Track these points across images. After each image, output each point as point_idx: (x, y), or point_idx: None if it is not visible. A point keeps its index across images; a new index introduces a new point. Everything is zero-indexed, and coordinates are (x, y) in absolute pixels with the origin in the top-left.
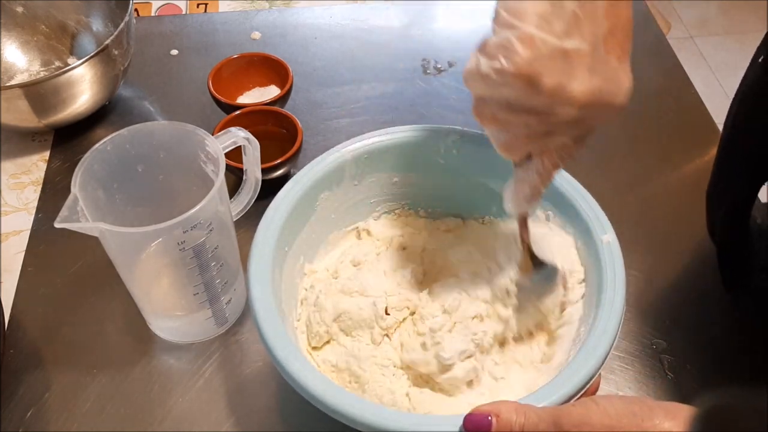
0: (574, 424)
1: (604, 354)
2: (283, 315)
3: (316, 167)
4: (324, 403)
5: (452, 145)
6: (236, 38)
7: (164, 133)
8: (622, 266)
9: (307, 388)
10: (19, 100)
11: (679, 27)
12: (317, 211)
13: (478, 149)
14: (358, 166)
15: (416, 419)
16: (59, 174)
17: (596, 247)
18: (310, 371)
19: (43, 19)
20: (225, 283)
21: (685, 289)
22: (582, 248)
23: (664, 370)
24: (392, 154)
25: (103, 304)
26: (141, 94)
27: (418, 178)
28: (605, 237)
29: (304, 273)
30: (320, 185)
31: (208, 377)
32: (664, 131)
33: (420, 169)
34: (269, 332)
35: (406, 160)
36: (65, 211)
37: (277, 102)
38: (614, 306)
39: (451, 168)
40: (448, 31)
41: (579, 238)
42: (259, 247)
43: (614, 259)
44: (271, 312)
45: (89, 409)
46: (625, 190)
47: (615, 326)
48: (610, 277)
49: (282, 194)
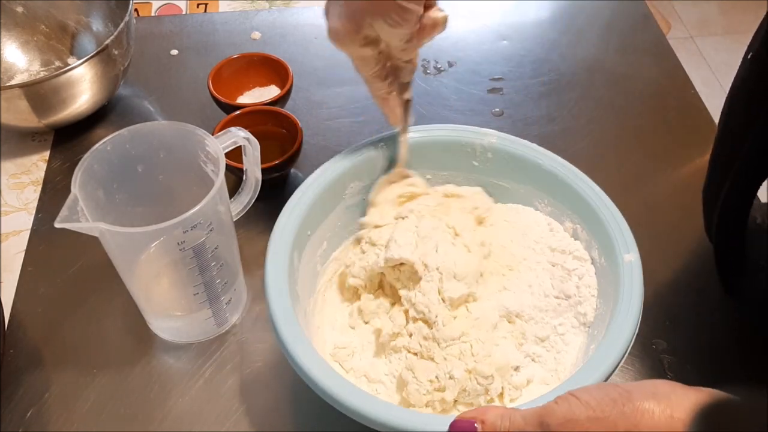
0: (560, 423)
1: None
2: (296, 297)
3: (348, 157)
4: (321, 387)
5: (488, 147)
6: (236, 38)
7: (164, 133)
8: (640, 287)
9: (307, 370)
10: (19, 100)
11: (680, 27)
12: (345, 199)
13: (512, 155)
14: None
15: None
16: (59, 174)
17: (617, 265)
18: (313, 355)
19: (43, 19)
20: (225, 283)
21: (685, 289)
22: (604, 264)
23: (664, 370)
24: (429, 150)
25: (103, 304)
26: (141, 94)
27: (450, 177)
28: (627, 256)
29: (327, 259)
30: (350, 174)
31: (208, 377)
32: (664, 131)
33: (454, 169)
34: (278, 312)
35: (441, 159)
36: (65, 211)
37: (277, 102)
38: (624, 327)
39: (482, 170)
40: (448, 31)
41: (602, 254)
42: (281, 227)
43: (633, 279)
44: (283, 293)
45: (89, 409)
46: (624, 189)
47: (623, 347)
48: (626, 297)
49: (311, 180)
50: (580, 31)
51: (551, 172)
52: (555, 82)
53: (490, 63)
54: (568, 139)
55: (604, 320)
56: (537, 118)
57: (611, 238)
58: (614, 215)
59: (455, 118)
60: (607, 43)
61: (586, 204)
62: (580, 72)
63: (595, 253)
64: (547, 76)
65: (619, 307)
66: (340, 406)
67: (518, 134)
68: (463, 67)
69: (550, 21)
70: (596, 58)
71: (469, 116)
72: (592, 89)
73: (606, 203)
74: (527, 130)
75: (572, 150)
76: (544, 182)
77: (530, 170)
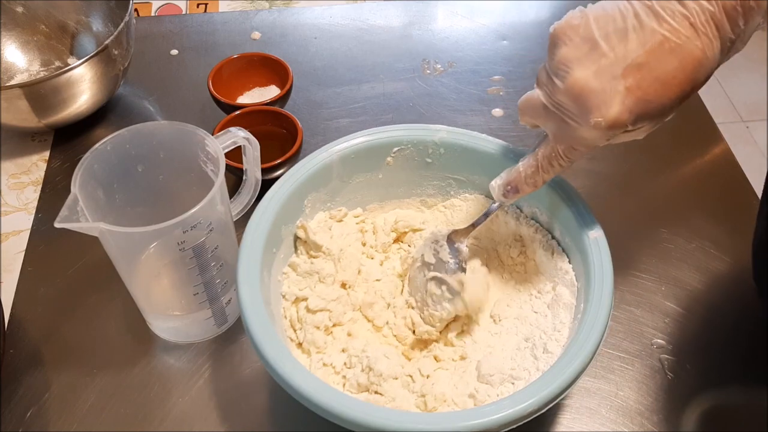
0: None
1: (594, 348)
2: (272, 316)
3: (303, 168)
4: (315, 403)
5: (440, 143)
6: (236, 38)
7: (164, 133)
8: (609, 262)
9: (297, 388)
10: (19, 100)
11: None
12: (305, 211)
13: (464, 149)
14: (345, 165)
15: (414, 417)
16: (59, 174)
17: (584, 243)
18: (300, 371)
19: (43, 19)
20: (225, 283)
21: (685, 290)
22: (569, 243)
23: (664, 370)
24: (379, 153)
25: (103, 304)
26: (141, 94)
27: (405, 175)
28: (593, 233)
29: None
30: (307, 186)
31: (208, 377)
32: (664, 131)
33: (408, 168)
34: (259, 334)
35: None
36: (65, 210)
37: (277, 102)
38: (602, 301)
39: (438, 166)
40: (448, 31)
41: (565, 234)
42: (247, 249)
43: (602, 254)
44: (261, 314)
45: (89, 409)
46: (624, 190)
47: (603, 323)
48: (598, 273)
49: (269, 195)
50: None
51: (501, 159)
52: None
53: (490, 63)
54: None
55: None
56: None
57: (574, 217)
58: (572, 196)
59: (455, 118)
60: None
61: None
62: None
63: (558, 234)
64: None
65: (592, 285)
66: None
67: (518, 134)
68: (463, 67)
69: (550, 21)
70: None
71: (469, 116)
72: None
73: (563, 185)
74: (527, 130)
75: None
76: (497, 170)
77: (482, 160)
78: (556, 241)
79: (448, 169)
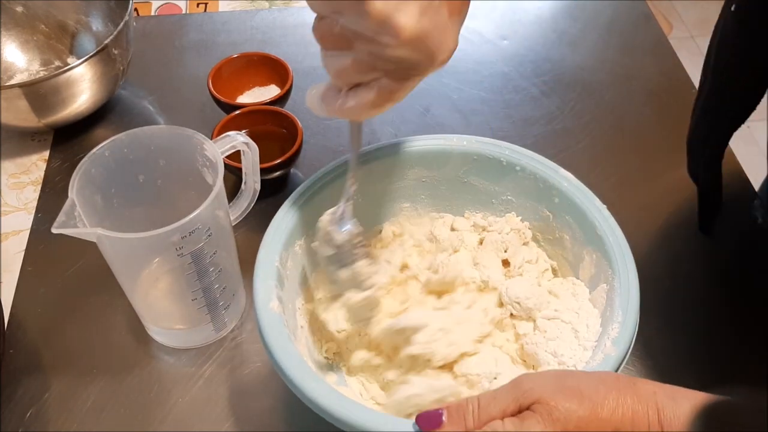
0: (532, 379)
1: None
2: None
3: (325, 177)
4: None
5: (472, 165)
6: (236, 38)
7: (162, 138)
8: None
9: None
10: (19, 100)
11: (680, 27)
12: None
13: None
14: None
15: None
16: (59, 174)
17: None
18: (311, 377)
19: (43, 18)
20: (224, 288)
21: (685, 290)
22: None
23: (664, 370)
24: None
25: (103, 304)
26: (141, 94)
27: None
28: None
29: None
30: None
31: (207, 378)
32: (664, 131)
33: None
34: (273, 340)
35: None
36: (62, 216)
37: (277, 102)
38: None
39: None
40: None
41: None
42: (266, 249)
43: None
44: (277, 321)
45: (89, 409)
46: (624, 189)
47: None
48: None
49: (286, 206)
50: (581, 31)
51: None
52: (555, 82)
53: (490, 63)
54: (568, 139)
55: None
56: (537, 118)
57: (588, 217)
58: (585, 194)
59: (455, 118)
60: (607, 43)
61: (557, 190)
62: (581, 72)
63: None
64: (547, 76)
65: (617, 281)
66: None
67: (518, 134)
68: (463, 67)
69: (550, 21)
70: (597, 58)
71: (469, 116)
72: (592, 89)
73: (576, 185)
74: (527, 130)
75: (572, 150)
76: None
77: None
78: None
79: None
